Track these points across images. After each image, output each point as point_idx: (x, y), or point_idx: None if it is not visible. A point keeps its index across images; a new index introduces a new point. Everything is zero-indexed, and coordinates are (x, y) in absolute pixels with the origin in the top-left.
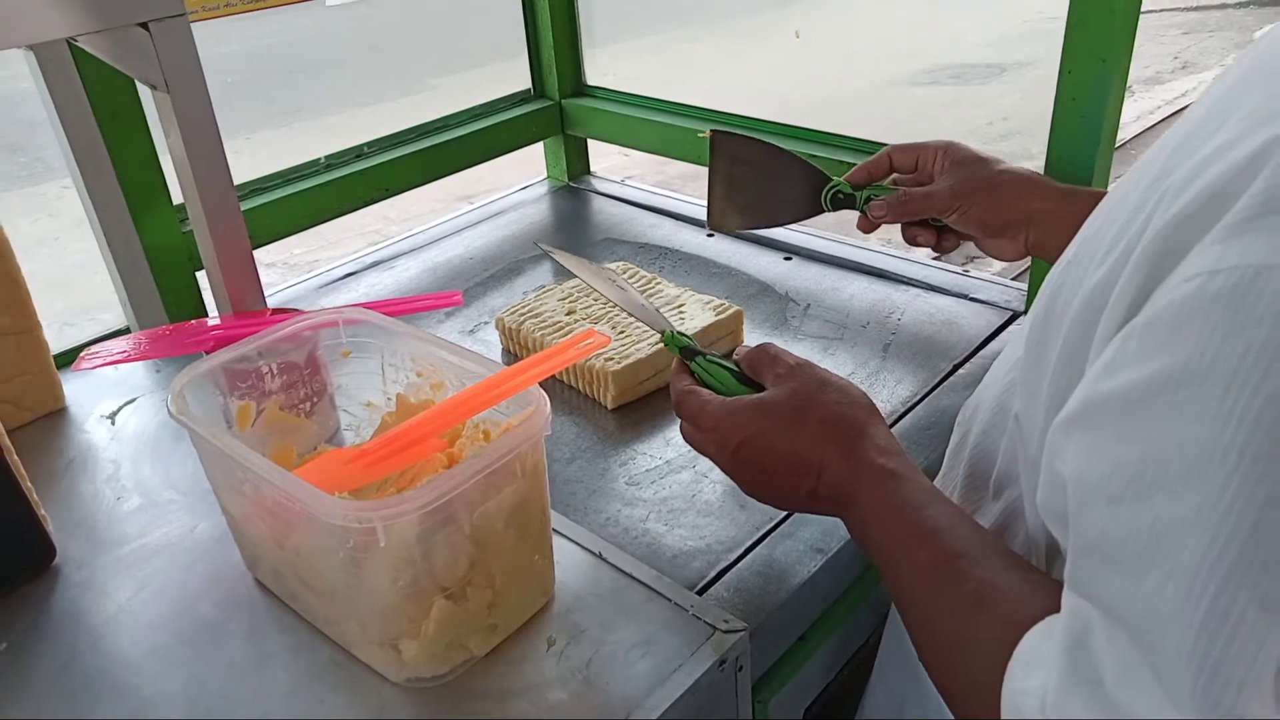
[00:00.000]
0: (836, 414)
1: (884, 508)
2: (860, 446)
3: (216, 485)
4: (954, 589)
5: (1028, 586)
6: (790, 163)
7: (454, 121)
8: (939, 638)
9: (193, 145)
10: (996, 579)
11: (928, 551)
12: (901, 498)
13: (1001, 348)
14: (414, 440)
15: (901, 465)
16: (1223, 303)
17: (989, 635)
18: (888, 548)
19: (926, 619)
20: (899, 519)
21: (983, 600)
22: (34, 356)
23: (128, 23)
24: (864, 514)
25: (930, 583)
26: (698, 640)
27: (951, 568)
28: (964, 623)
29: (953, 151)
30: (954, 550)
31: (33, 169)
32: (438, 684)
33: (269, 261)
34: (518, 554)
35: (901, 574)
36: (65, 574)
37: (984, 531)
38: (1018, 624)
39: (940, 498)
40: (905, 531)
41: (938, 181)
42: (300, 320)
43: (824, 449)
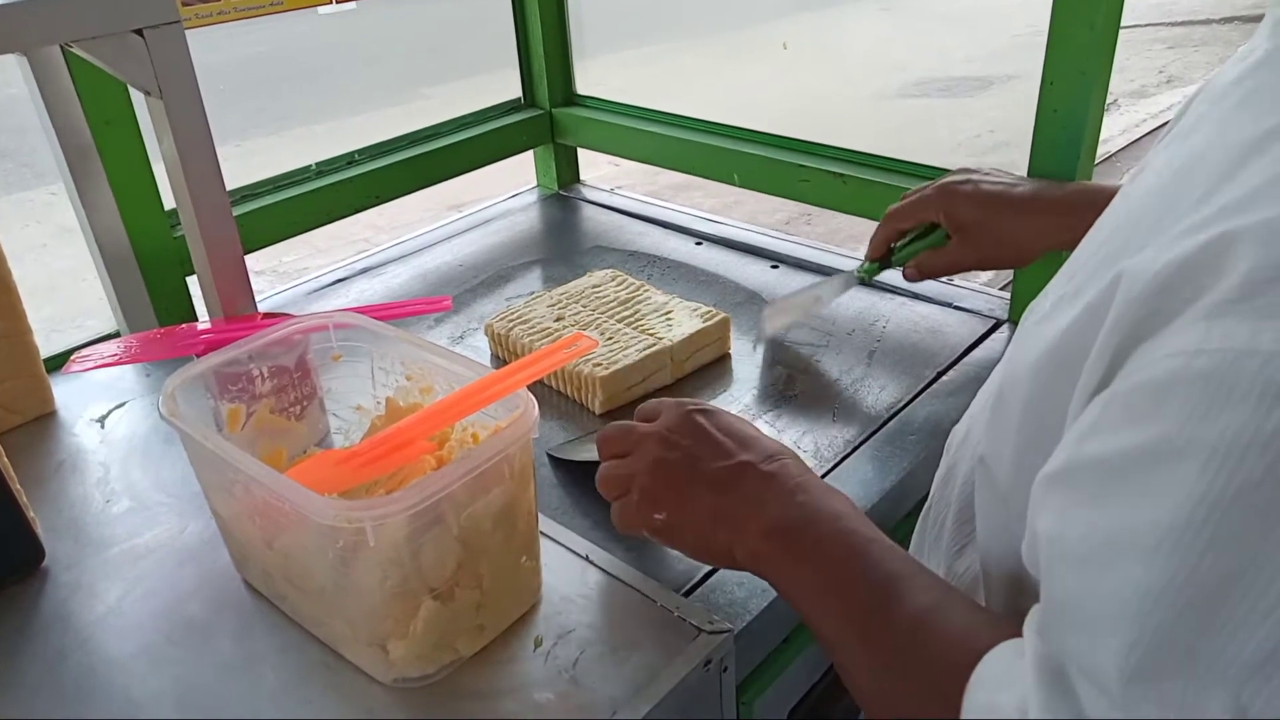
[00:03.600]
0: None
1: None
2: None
3: (206, 487)
4: (905, 606)
5: (979, 613)
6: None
7: (445, 129)
8: (883, 661)
9: (186, 151)
10: (942, 600)
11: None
12: (836, 509)
13: (986, 356)
14: (403, 443)
15: (826, 486)
16: (1203, 384)
17: (940, 653)
18: (822, 557)
19: (868, 641)
20: (836, 527)
21: (930, 619)
22: (24, 360)
23: (123, 29)
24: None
25: (874, 604)
26: (683, 641)
27: (901, 586)
28: (912, 640)
29: (951, 203)
30: (898, 570)
31: (21, 175)
32: (425, 684)
33: (259, 269)
34: (505, 555)
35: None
36: (54, 575)
37: (913, 559)
38: (973, 645)
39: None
40: (844, 542)
41: (955, 246)
42: (291, 324)
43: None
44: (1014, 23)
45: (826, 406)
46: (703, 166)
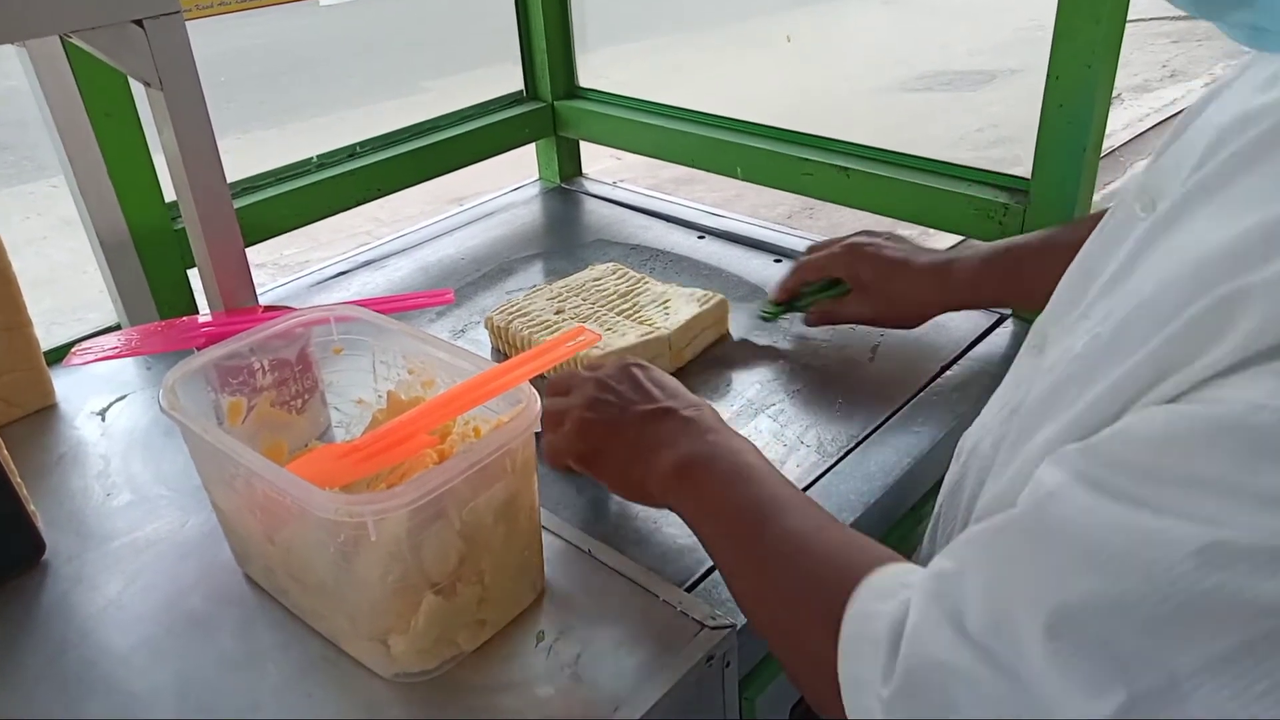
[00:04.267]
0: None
1: (722, 448)
2: (704, 410)
3: (207, 480)
4: (789, 523)
5: (858, 537)
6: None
7: (446, 122)
8: (765, 572)
9: (186, 143)
10: (823, 524)
11: (757, 489)
12: (739, 445)
13: (990, 351)
14: (405, 436)
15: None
16: (1265, 436)
17: (819, 569)
18: (716, 483)
19: (752, 554)
20: (733, 459)
21: (811, 538)
22: (24, 353)
23: (123, 19)
24: (705, 451)
25: (759, 519)
26: (685, 636)
27: (787, 507)
28: (798, 555)
29: (855, 261)
30: (784, 496)
31: (22, 168)
32: (426, 679)
33: (260, 262)
34: (507, 550)
35: (727, 510)
36: (55, 568)
37: (800, 492)
38: (854, 562)
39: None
40: (737, 470)
41: (853, 300)
42: (292, 317)
43: (679, 396)
44: (1017, 16)
45: (830, 402)
46: (705, 160)
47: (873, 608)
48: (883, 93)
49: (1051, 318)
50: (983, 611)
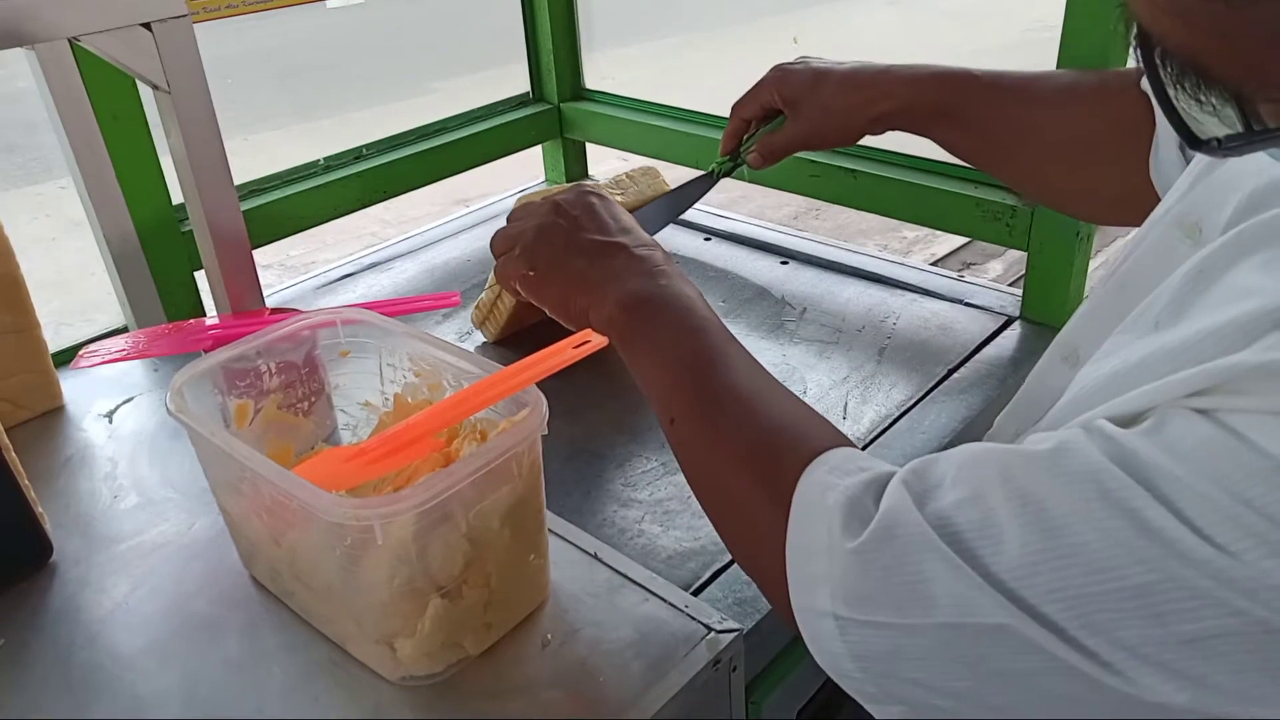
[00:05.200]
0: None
1: (671, 294)
2: (656, 251)
3: (214, 483)
4: (742, 381)
5: (805, 409)
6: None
7: (453, 124)
8: (711, 424)
9: (193, 145)
10: (773, 387)
11: (710, 343)
12: (689, 295)
13: (997, 353)
14: (411, 439)
15: (686, 280)
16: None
17: (775, 432)
18: (665, 330)
19: (700, 404)
20: (684, 308)
21: (760, 402)
22: (32, 355)
23: (131, 23)
24: (653, 293)
25: (709, 370)
26: (692, 640)
27: (740, 365)
28: (749, 413)
29: (783, 81)
30: (738, 355)
31: (30, 169)
32: (433, 682)
33: (266, 263)
34: (513, 553)
35: (676, 360)
36: (62, 571)
37: (746, 350)
38: (811, 435)
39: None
40: (690, 321)
41: (788, 124)
42: (299, 320)
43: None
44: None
45: (836, 404)
46: (712, 162)
47: (830, 479)
48: None
49: (1082, 331)
50: (963, 514)
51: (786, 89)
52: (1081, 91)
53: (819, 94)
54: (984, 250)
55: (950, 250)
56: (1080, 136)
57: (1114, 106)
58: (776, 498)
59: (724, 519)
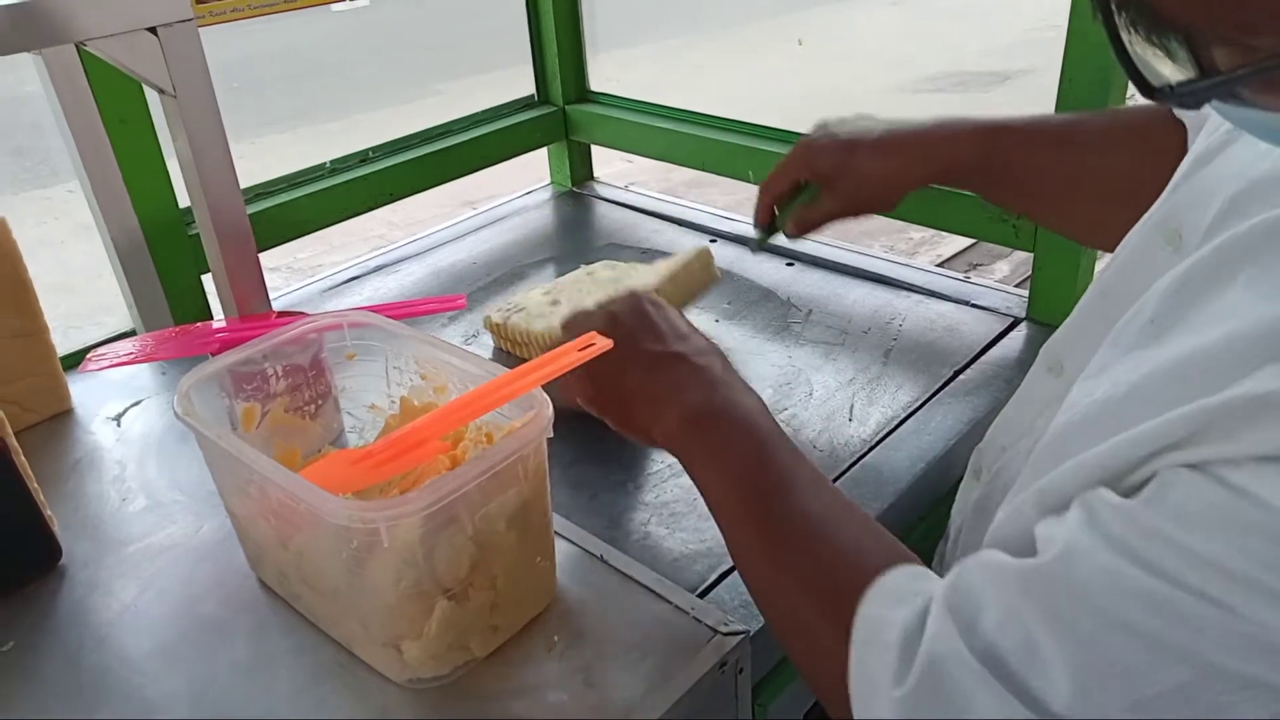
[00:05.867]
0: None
1: (734, 408)
2: (715, 358)
3: (221, 486)
4: (808, 504)
5: (873, 530)
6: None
7: (458, 127)
8: (777, 549)
9: (199, 149)
10: (841, 508)
11: (775, 463)
12: (752, 407)
13: (1003, 354)
14: (417, 442)
15: (748, 388)
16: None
17: (834, 559)
18: (730, 448)
19: (765, 529)
20: (749, 423)
21: (827, 523)
22: (41, 358)
23: (137, 27)
24: (715, 407)
25: (775, 493)
26: (698, 643)
27: (806, 487)
28: (812, 538)
29: (811, 156)
30: (804, 473)
31: (38, 172)
32: (439, 684)
33: (273, 266)
34: (519, 556)
35: (742, 479)
36: (71, 573)
37: (815, 466)
38: (868, 560)
39: (783, 436)
40: (754, 438)
41: (823, 197)
42: (305, 323)
43: (700, 341)
44: (1027, 16)
45: (843, 405)
46: (717, 163)
47: (886, 614)
48: (894, 94)
49: (1068, 341)
50: (1005, 639)
51: (817, 164)
52: (1120, 132)
53: (852, 166)
54: (990, 251)
55: (956, 251)
56: (1125, 178)
57: (1155, 142)
58: (837, 630)
59: (787, 640)
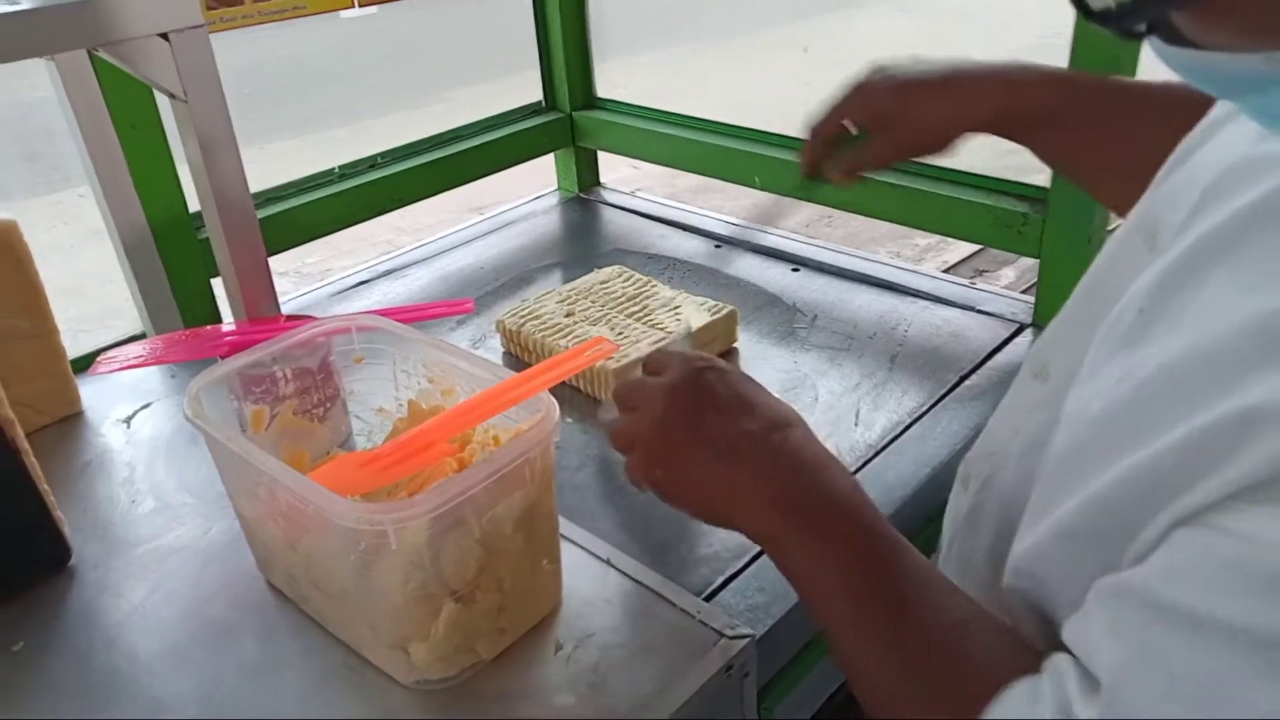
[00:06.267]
0: (776, 401)
1: (825, 495)
2: (808, 434)
3: (230, 488)
4: (924, 616)
5: (1002, 636)
6: None
7: (466, 133)
8: (893, 668)
9: (210, 154)
10: (965, 613)
11: (883, 565)
12: (844, 492)
13: (1009, 360)
14: (425, 445)
15: (834, 462)
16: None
17: (959, 672)
18: (829, 546)
19: (879, 644)
20: (844, 515)
21: (953, 632)
22: (51, 361)
23: (148, 33)
24: (804, 495)
25: (888, 604)
26: (704, 646)
27: (920, 595)
28: (929, 658)
29: (870, 102)
30: (916, 575)
31: (49, 178)
32: (446, 686)
33: (282, 270)
34: (526, 558)
35: (849, 584)
36: (81, 575)
37: (923, 559)
38: (994, 672)
39: (885, 520)
40: (856, 534)
41: (877, 140)
42: (314, 327)
43: (770, 413)
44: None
45: (848, 411)
46: (723, 169)
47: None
48: None
49: (1053, 345)
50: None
51: (873, 106)
52: (1178, 98)
53: (909, 108)
54: (996, 257)
55: (962, 257)
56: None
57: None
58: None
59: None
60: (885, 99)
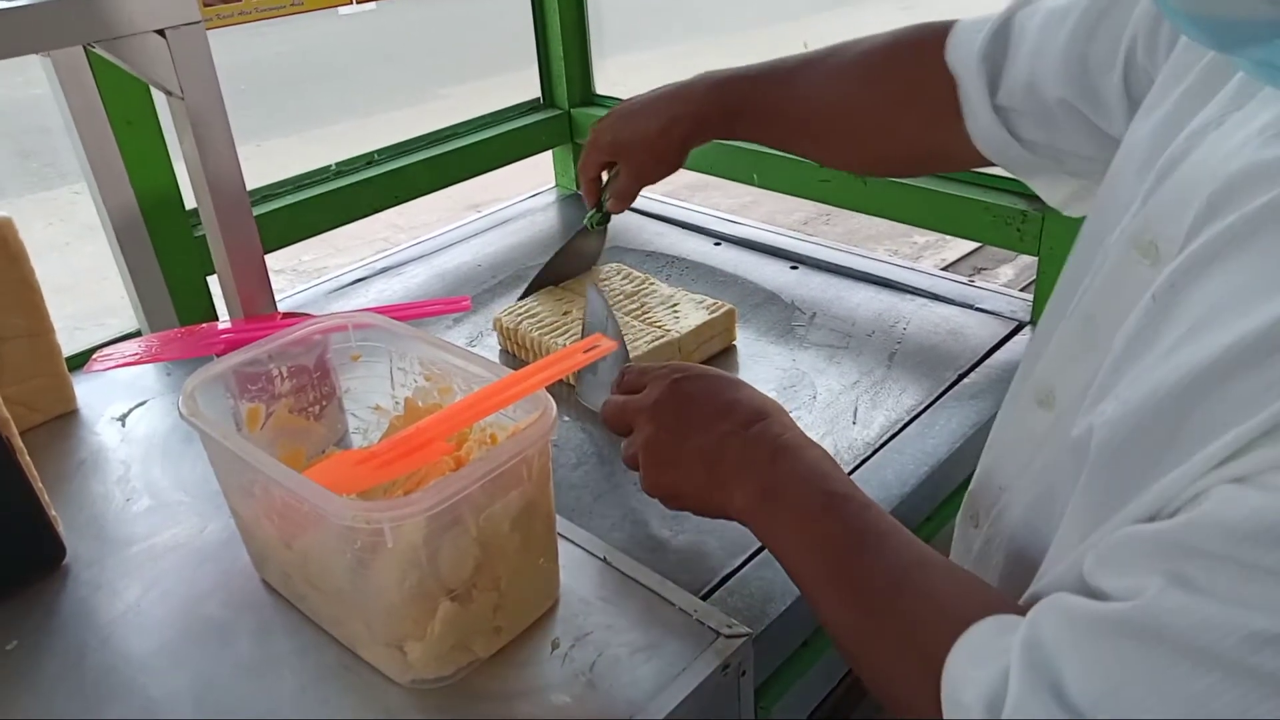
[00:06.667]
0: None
1: (809, 470)
2: (785, 422)
3: (226, 486)
4: (886, 559)
5: (959, 577)
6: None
7: (464, 130)
8: (861, 610)
9: (206, 150)
10: (922, 559)
11: (854, 519)
12: (813, 466)
13: (1008, 358)
14: (422, 443)
15: (806, 442)
16: None
17: (920, 615)
18: (804, 512)
19: (847, 590)
20: (813, 486)
21: (910, 577)
22: (47, 359)
23: (145, 30)
24: (782, 473)
25: (852, 552)
26: (701, 645)
27: (882, 541)
28: (896, 595)
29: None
30: (883, 525)
31: (44, 175)
32: (442, 686)
33: (278, 268)
34: (523, 557)
35: (814, 540)
36: (75, 573)
37: (888, 516)
38: (955, 611)
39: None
40: (831, 496)
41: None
42: (310, 324)
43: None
44: None
45: (846, 408)
46: (721, 166)
47: (969, 673)
48: None
49: (1056, 370)
50: (1089, 693)
51: (605, 140)
52: (875, 60)
53: (632, 132)
54: (995, 255)
55: (961, 255)
56: (875, 104)
57: (908, 69)
58: (931, 690)
59: (887, 701)
60: (612, 130)
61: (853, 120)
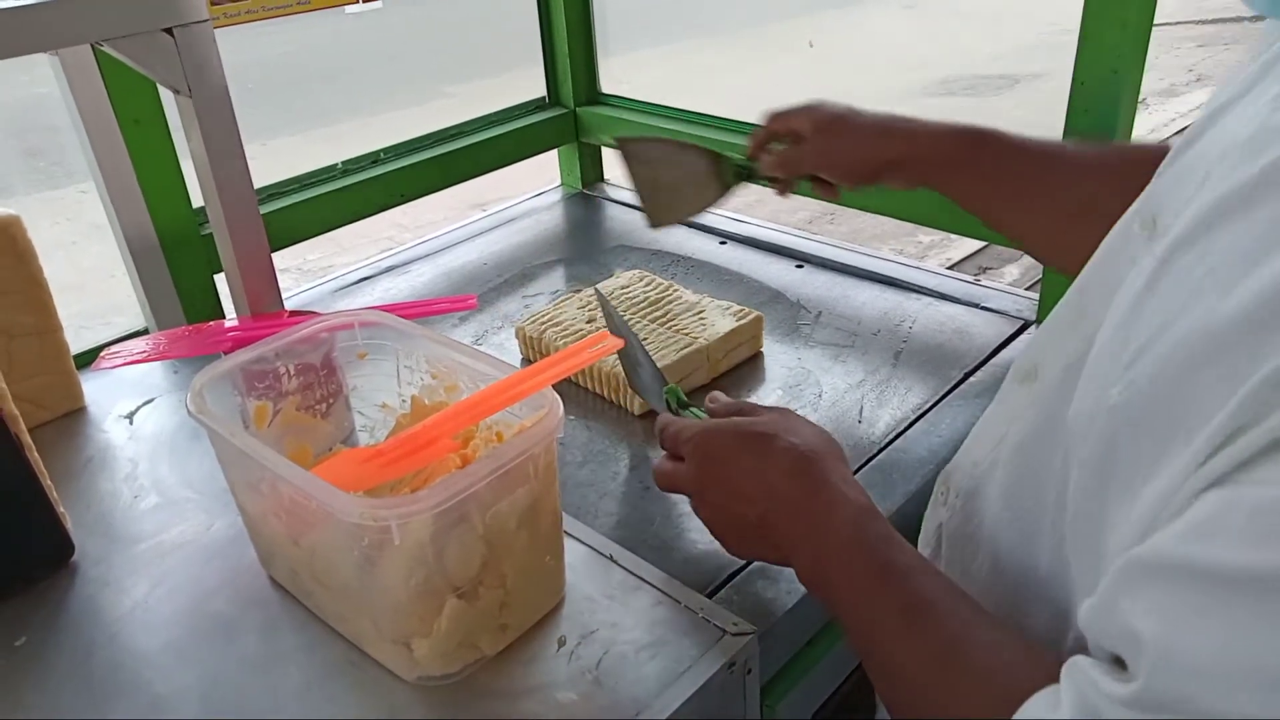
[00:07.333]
0: (802, 446)
1: (848, 542)
2: (823, 481)
3: (233, 484)
4: (929, 635)
5: (1017, 647)
6: (693, 152)
7: (469, 128)
8: (909, 689)
9: (214, 149)
10: (978, 632)
11: (897, 593)
12: (868, 534)
13: (1014, 357)
14: (428, 441)
15: (867, 503)
16: None
17: (971, 691)
18: (851, 586)
19: (894, 668)
20: (864, 556)
21: (962, 652)
22: (55, 357)
23: (153, 28)
24: (825, 547)
25: (899, 627)
26: (707, 643)
27: (926, 612)
28: (942, 672)
29: (814, 112)
30: (926, 595)
31: (52, 174)
32: (448, 683)
33: (283, 267)
34: (529, 554)
35: (864, 615)
36: (83, 570)
37: (952, 582)
38: (1007, 686)
39: (904, 541)
40: (872, 570)
41: (805, 143)
42: (317, 322)
43: (785, 480)
44: (1040, 20)
45: (852, 407)
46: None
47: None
48: (905, 98)
49: (1044, 345)
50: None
51: (816, 114)
52: (1109, 159)
53: (844, 125)
54: (1000, 254)
55: (966, 254)
56: (1094, 202)
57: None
58: None
59: None
60: (829, 112)
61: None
